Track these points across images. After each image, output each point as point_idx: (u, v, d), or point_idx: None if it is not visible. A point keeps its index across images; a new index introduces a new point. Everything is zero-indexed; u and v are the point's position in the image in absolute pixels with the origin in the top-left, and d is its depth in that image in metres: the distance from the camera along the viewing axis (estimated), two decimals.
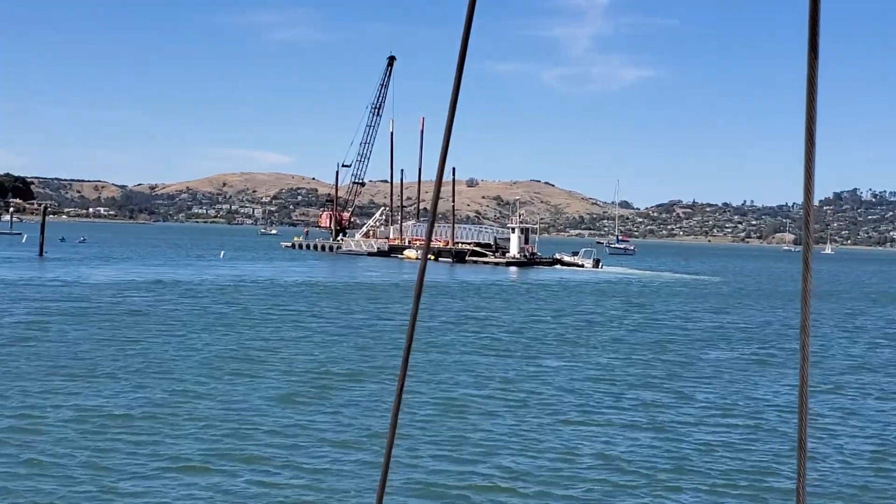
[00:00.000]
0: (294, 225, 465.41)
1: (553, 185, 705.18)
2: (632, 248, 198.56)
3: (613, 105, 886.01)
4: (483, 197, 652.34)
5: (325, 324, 41.85)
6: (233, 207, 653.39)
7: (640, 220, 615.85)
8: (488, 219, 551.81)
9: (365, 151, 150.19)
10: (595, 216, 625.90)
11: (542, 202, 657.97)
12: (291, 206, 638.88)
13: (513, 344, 38.35)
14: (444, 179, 3.01)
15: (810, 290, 2.56)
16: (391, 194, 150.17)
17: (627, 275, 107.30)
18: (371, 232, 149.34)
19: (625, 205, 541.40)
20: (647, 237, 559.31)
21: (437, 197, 3.55)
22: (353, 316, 44.85)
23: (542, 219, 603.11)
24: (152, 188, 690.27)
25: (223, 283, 67.51)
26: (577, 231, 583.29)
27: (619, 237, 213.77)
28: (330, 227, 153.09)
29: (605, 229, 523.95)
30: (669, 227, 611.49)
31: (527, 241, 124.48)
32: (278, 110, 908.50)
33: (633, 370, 32.84)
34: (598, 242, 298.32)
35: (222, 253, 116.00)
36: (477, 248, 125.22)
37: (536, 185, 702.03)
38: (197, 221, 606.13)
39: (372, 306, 47.93)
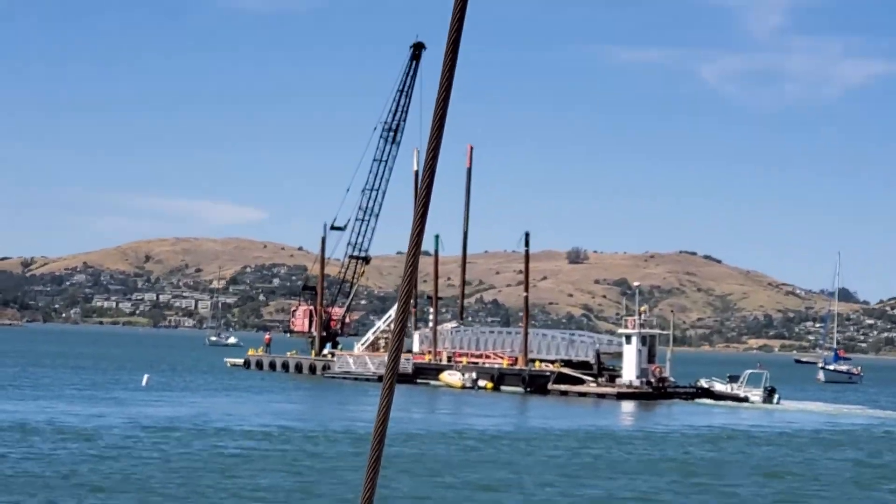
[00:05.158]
0: (267, 328, 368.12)
1: (719, 262, 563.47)
2: (856, 369, 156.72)
3: (824, 122, 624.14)
4: (596, 281, 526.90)
5: None
6: (162, 298, 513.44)
7: (870, 321, 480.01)
8: (605, 319, 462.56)
9: (371, 204, 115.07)
10: (792, 314, 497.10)
11: (698, 290, 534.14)
12: (263, 296, 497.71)
13: None
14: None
15: None
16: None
17: (837, 418, 77.40)
18: (382, 341, 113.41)
19: (845, 295, 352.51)
20: (881, 351, 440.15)
21: (413, 270, 3.07)
22: None
23: (698, 319, 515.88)
24: (25, 265, 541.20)
25: (128, 439, 48.35)
26: (762, 340, 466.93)
27: (837, 351, 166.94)
28: (310, 331, 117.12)
29: (811, 337, 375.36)
30: None
31: (652, 358, 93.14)
32: (239, 133, 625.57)
33: None
34: (799, 361, 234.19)
35: (146, 377, 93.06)
36: (566, 371, 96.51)
37: (689, 260, 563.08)
38: (102, 321, 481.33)
39: None
